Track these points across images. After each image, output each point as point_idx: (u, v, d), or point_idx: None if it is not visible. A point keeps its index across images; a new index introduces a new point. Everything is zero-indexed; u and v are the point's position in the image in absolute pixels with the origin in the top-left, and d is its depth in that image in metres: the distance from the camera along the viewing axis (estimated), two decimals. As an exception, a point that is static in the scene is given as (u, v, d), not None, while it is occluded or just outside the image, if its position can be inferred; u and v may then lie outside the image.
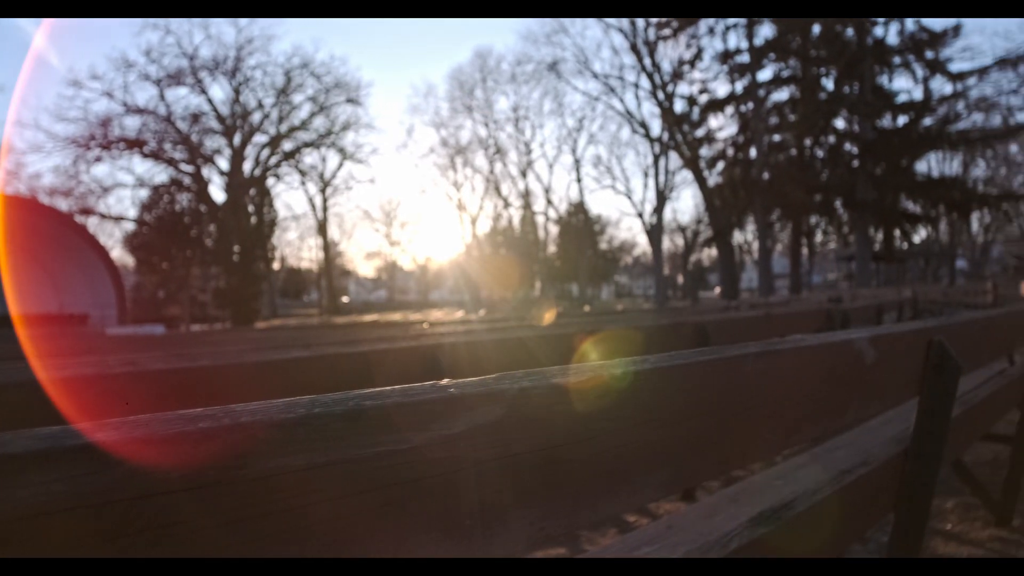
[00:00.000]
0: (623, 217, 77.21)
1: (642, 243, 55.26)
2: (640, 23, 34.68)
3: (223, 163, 36.90)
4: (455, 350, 2.39)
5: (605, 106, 50.28)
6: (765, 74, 31.76)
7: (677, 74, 34.84)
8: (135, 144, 33.71)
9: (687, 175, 37.00)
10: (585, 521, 0.66)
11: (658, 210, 41.00)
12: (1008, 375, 2.82)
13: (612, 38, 54.68)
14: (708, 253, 47.60)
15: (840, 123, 29.99)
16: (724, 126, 35.49)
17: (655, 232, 41.34)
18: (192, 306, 37.05)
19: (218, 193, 37.41)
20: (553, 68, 40.69)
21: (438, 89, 77.33)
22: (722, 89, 38.61)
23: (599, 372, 0.64)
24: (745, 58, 31.61)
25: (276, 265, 51.92)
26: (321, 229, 49.13)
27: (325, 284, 51.39)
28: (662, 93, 35.37)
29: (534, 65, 42.83)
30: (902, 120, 29.09)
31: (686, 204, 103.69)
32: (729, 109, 33.22)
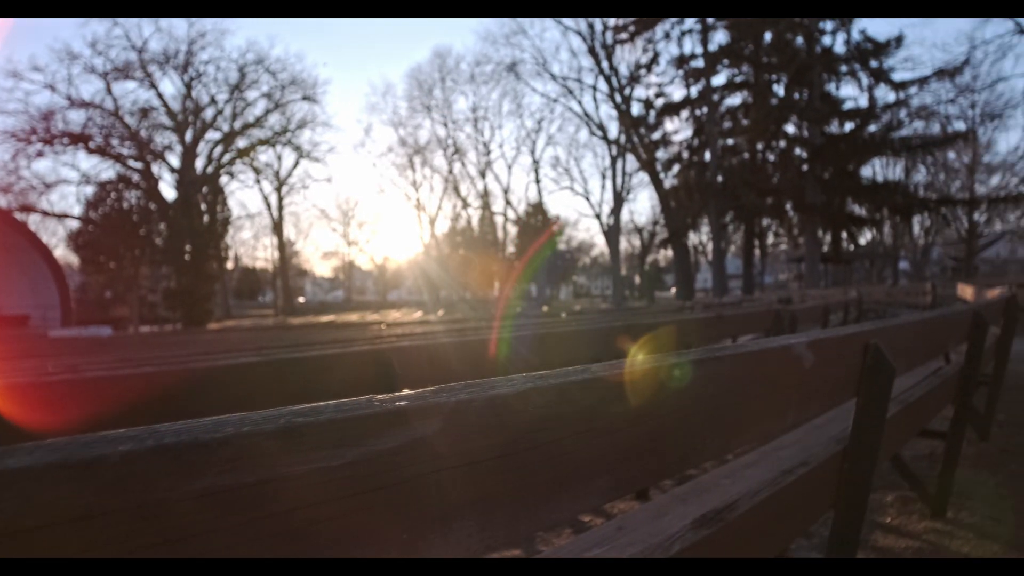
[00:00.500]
0: (581, 218, 78.05)
1: (600, 244, 55.90)
2: (598, 26, 35.09)
3: (174, 160, 35.90)
4: (410, 354, 2.37)
5: (564, 108, 50.72)
6: (719, 79, 32.53)
7: (634, 78, 35.36)
8: (80, 139, 32.50)
9: (644, 177, 37.58)
10: (525, 531, 0.66)
11: (615, 211, 41.52)
12: (942, 374, 2.95)
13: (570, 40, 55.17)
14: (664, 254, 48.36)
15: (790, 128, 30.87)
16: (680, 129, 36.09)
17: (612, 233, 41.83)
18: (141, 307, 35.94)
19: (169, 191, 36.36)
20: (512, 69, 40.84)
21: (396, 88, 76.88)
22: (678, 93, 39.41)
23: (538, 383, 0.65)
24: (700, 63, 32.27)
25: (230, 265, 50.73)
26: (276, 228, 48.20)
27: (280, 284, 50.44)
28: (619, 96, 35.85)
29: (493, 66, 42.97)
30: (848, 126, 30.10)
31: (643, 205, 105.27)
32: (684, 113, 33.89)
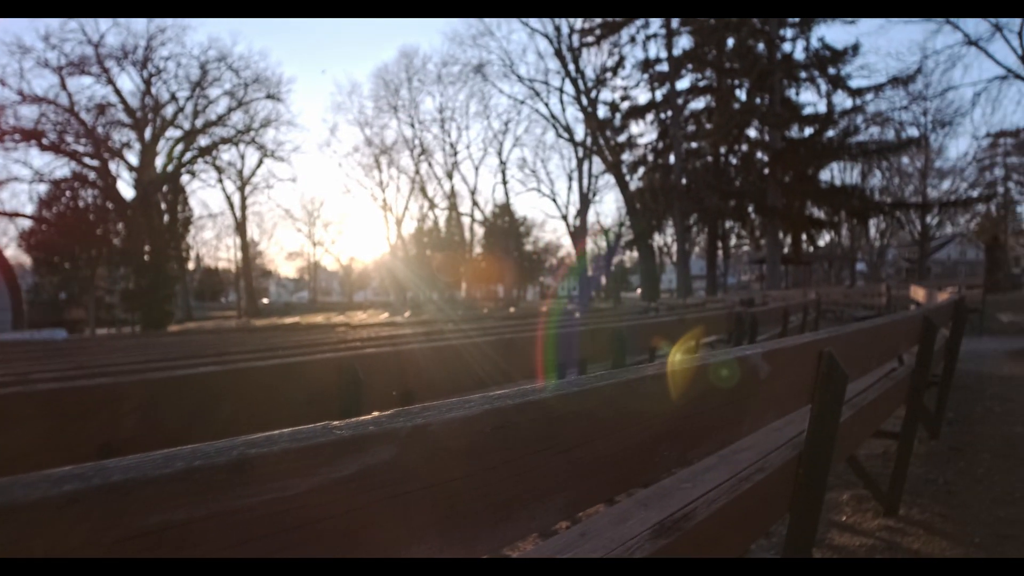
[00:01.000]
0: (548, 219, 78.27)
1: (567, 245, 56.10)
2: (564, 29, 35.30)
3: (132, 158, 35.00)
4: (374, 361, 2.35)
5: (531, 109, 50.95)
6: (683, 83, 33.01)
7: (600, 80, 35.67)
8: (32, 135, 31.45)
9: (610, 179, 37.91)
10: (485, 550, 0.67)
11: (582, 213, 41.81)
12: (894, 376, 3.05)
13: (537, 43, 55.56)
14: (630, 255, 48.92)
15: (752, 132, 31.50)
16: (645, 132, 36.55)
17: (579, 234, 42.11)
18: (98, 309, 34.92)
19: (127, 189, 35.42)
20: (479, 70, 40.82)
21: (363, 87, 76.20)
22: (643, 97, 39.81)
23: (495, 404, 0.66)
24: (665, 67, 32.71)
25: (191, 265, 49.65)
26: (239, 228, 47.31)
27: (244, 285, 49.52)
28: (586, 99, 36.13)
29: (460, 67, 42.86)
30: (808, 131, 30.80)
31: (609, 207, 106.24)
32: (650, 116, 34.31)
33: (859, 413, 2.32)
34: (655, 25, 32.49)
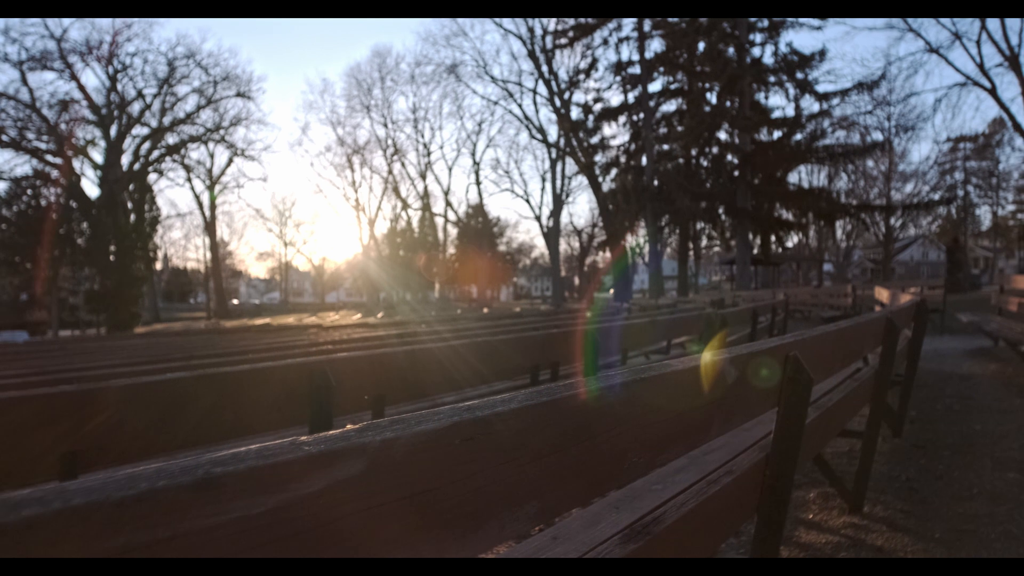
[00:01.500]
0: (521, 220, 78.46)
1: (540, 245, 56.38)
2: (538, 30, 35.45)
3: (97, 156, 34.19)
4: (345, 366, 2.34)
5: (504, 110, 51.07)
6: (655, 86, 33.33)
7: (573, 82, 35.88)
8: (-10, 132, 30.54)
9: (583, 180, 38.18)
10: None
11: (555, 214, 41.99)
12: (859, 377, 3.12)
13: (511, 44, 55.71)
14: (603, 255, 49.24)
15: (723, 135, 31.92)
16: (617, 134, 36.87)
17: (552, 235, 42.27)
18: (61, 310, 34.05)
19: (92, 188, 34.57)
20: (453, 71, 40.77)
21: (335, 86, 75.44)
22: (616, 99, 40.19)
23: (464, 416, 0.66)
24: (637, 70, 33.00)
25: (158, 266, 48.68)
26: (209, 228, 46.50)
27: (213, 286, 48.69)
28: (559, 100, 36.32)
29: (434, 67, 42.82)
30: (777, 134, 31.35)
31: (582, 208, 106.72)
32: (622, 118, 34.57)
33: (825, 414, 2.37)
34: (627, 28, 32.80)
